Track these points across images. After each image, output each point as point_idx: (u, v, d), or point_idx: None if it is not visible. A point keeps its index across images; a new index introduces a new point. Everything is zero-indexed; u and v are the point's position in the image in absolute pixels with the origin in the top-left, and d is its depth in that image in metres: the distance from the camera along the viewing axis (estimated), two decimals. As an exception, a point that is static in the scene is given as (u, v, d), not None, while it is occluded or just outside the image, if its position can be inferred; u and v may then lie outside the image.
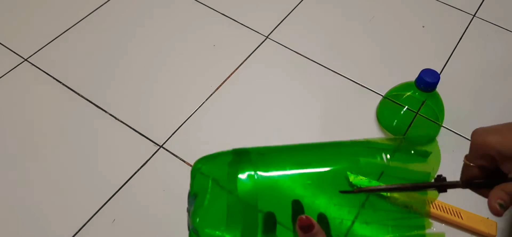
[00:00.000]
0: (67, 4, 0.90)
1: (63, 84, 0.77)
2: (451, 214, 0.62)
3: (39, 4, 0.90)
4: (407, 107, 0.69)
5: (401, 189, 0.36)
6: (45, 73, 0.78)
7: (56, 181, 0.65)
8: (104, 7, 0.90)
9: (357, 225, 0.37)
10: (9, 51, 0.82)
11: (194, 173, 0.39)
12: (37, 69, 0.79)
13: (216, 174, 0.39)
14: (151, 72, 0.79)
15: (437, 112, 0.70)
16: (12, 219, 0.61)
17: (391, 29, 0.89)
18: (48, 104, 0.74)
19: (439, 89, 0.66)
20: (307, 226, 0.31)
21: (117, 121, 0.72)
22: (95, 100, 0.75)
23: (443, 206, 0.62)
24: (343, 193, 0.35)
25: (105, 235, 0.60)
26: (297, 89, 0.78)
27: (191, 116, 0.73)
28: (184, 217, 0.62)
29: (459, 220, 0.61)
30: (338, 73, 0.80)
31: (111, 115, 0.73)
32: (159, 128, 0.71)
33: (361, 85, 0.79)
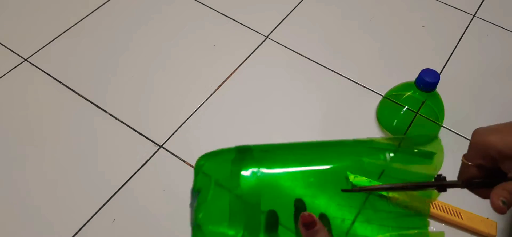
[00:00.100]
0: (67, 4, 0.90)
1: (63, 84, 0.77)
2: (451, 214, 0.62)
3: (39, 4, 0.90)
4: (407, 107, 0.69)
5: (402, 188, 0.36)
6: (45, 73, 0.78)
7: (56, 181, 0.65)
8: (104, 7, 0.90)
9: (358, 225, 0.37)
10: (9, 51, 0.82)
11: (197, 169, 0.39)
12: (37, 69, 0.79)
13: (219, 171, 0.39)
14: (151, 72, 0.79)
15: (437, 112, 0.70)
16: (12, 219, 0.61)
17: (391, 29, 0.89)
18: (48, 104, 0.74)
19: (439, 89, 0.66)
20: (309, 223, 0.32)
21: (117, 121, 0.72)
22: (95, 100, 0.75)
23: (443, 206, 0.62)
24: (345, 191, 0.35)
25: (105, 235, 0.60)
26: (297, 89, 0.78)
27: (191, 116, 0.73)
28: (184, 217, 0.62)
29: (459, 220, 0.61)
30: (338, 73, 0.80)
31: (111, 115, 0.73)
32: (159, 128, 0.71)
33: (361, 85, 0.79)
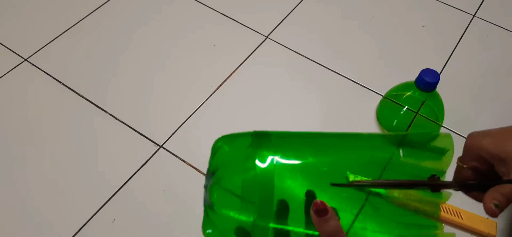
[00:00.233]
0: (67, 4, 0.90)
1: (63, 84, 0.77)
2: (451, 214, 0.62)
3: (39, 4, 0.90)
4: (407, 107, 0.69)
5: (394, 185, 0.35)
6: (45, 73, 0.78)
7: (56, 181, 0.65)
8: (104, 7, 0.90)
9: (367, 221, 0.36)
10: (9, 51, 0.82)
11: (214, 150, 0.40)
12: (37, 69, 0.79)
13: (235, 153, 0.39)
14: (151, 72, 0.79)
15: (437, 112, 0.70)
16: (12, 219, 0.61)
17: (391, 29, 0.89)
18: (48, 104, 0.74)
19: (439, 89, 0.66)
20: (321, 210, 0.32)
21: (117, 121, 0.72)
22: (95, 100, 0.75)
23: (443, 206, 0.62)
24: (334, 186, 0.35)
25: (105, 235, 0.60)
26: (297, 89, 0.78)
27: (191, 116, 0.73)
28: (184, 217, 0.62)
29: (459, 220, 0.61)
30: (338, 73, 0.80)
31: (111, 115, 0.73)
32: (159, 128, 0.71)
33: (361, 85, 0.79)
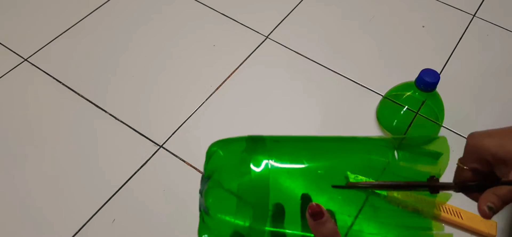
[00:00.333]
0: (67, 4, 0.91)
1: (63, 84, 0.77)
2: (451, 214, 0.62)
3: (39, 4, 0.90)
4: (407, 107, 0.69)
5: (394, 186, 0.36)
6: (45, 73, 0.78)
7: (56, 181, 0.65)
8: (104, 7, 0.90)
9: (364, 224, 0.37)
10: (9, 51, 0.82)
11: (209, 154, 0.40)
12: (37, 69, 0.79)
13: (230, 158, 0.39)
14: (151, 72, 0.79)
15: (437, 112, 0.70)
16: (12, 219, 0.61)
17: (391, 29, 0.89)
18: (48, 104, 0.74)
19: (439, 89, 0.66)
20: (317, 213, 0.32)
21: (117, 121, 0.72)
22: (95, 100, 0.75)
23: (443, 206, 0.62)
24: (335, 188, 0.35)
25: (105, 235, 0.60)
26: (297, 89, 0.78)
27: (191, 116, 0.73)
28: (184, 217, 0.62)
29: (459, 220, 0.61)
30: (338, 73, 0.80)
31: (111, 115, 0.73)
32: (159, 128, 0.71)
33: (361, 85, 0.79)
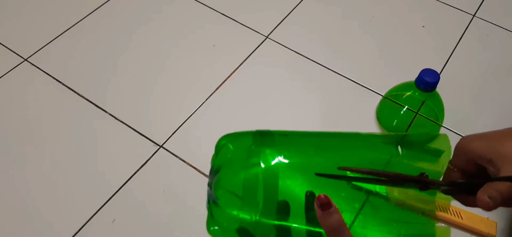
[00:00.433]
0: (67, 4, 0.90)
1: (63, 84, 0.77)
2: (451, 214, 0.62)
3: (39, 4, 0.90)
4: (407, 107, 0.69)
5: (382, 178, 0.35)
6: (45, 73, 0.78)
7: (56, 181, 0.65)
8: (104, 7, 0.90)
9: (366, 220, 0.37)
10: (9, 51, 0.82)
11: (218, 148, 0.40)
12: (37, 69, 0.79)
13: (239, 151, 0.39)
14: (151, 72, 0.79)
15: (437, 112, 0.70)
16: (12, 219, 0.61)
17: (391, 29, 0.89)
18: (48, 104, 0.74)
19: (439, 89, 0.66)
20: (325, 204, 0.32)
21: (117, 121, 0.72)
22: (95, 100, 0.75)
23: (443, 206, 0.62)
24: (318, 175, 0.35)
25: (105, 235, 0.60)
26: (297, 89, 0.78)
27: (191, 116, 0.73)
28: (184, 217, 0.62)
29: (459, 220, 0.61)
30: (338, 73, 0.80)
31: (111, 115, 0.73)
32: (159, 128, 0.71)
33: (361, 85, 0.79)
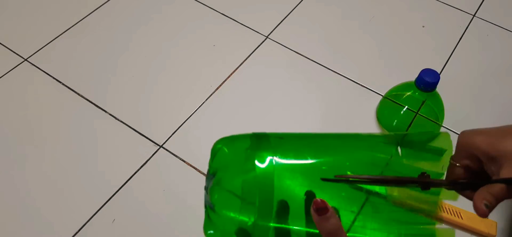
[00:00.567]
0: (67, 4, 0.90)
1: (63, 84, 0.77)
2: (451, 214, 0.62)
3: (39, 4, 0.90)
4: (407, 107, 0.69)
5: (384, 181, 0.35)
6: (45, 73, 0.78)
7: (56, 181, 0.65)
8: (104, 7, 0.90)
9: (366, 220, 0.37)
10: (9, 51, 0.82)
11: (214, 152, 0.40)
12: (37, 69, 0.79)
13: (235, 154, 0.39)
14: (151, 72, 0.79)
15: (437, 112, 0.70)
16: (12, 219, 0.61)
17: (391, 29, 0.89)
18: (48, 104, 0.74)
19: (439, 89, 0.66)
20: (321, 209, 0.32)
21: (117, 121, 0.72)
22: (95, 100, 0.75)
23: (443, 206, 0.62)
24: (324, 180, 0.35)
25: (105, 235, 0.60)
26: (297, 89, 0.78)
27: (191, 116, 0.73)
28: (184, 217, 0.62)
29: (459, 220, 0.61)
30: (338, 73, 0.80)
31: (111, 115, 0.73)
32: (159, 128, 0.71)
33: (361, 85, 0.79)
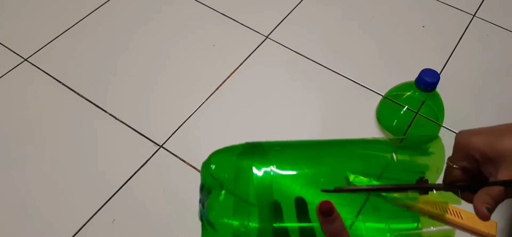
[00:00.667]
0: (67, 4, 0.90)
1: (63, 84, 0.77)
2: (451, 214, 0.61)
3: (39, 4, 0.90)
4: (407, 107, 0.69)
5: (383, 190, 0.36)
6: (45, 73, 0.78)
7: (56, 181, 0.65)
8: (104, 7, 0.90)
9: (365, 221, 0.37)
10: (9, 51, 0.82)
11: (207, 165, 0.40)
12: (37, 69, 0.79)
13: (230, 167, 0.39)
14: (151, 72, 0.79)
15: (437, 112, 0.70)
16: (12, 219, 0.61)
17: (391, 29, 0.89)
18: (48, 104, 0.74)
19: (439, 89, 0.66)
20: (327, 211, 0.32)
21: (117, 121, 0.72)
22: (95, 100, 0.75)
23: (443, 206, 0.62)
24: (324, 192, 0.35)
25: (105, 235, 0.60)
26: (297, 89, 0.78)
27: (191, 116, 0.73)
28: (184, 217, 0.62)
29: (459, 220, 0.61)
30: (338, 73, 0.80)
31: (111, 115, 0.73)
32: (159, 128, 0.71)
33: (361, 85, 0.79)
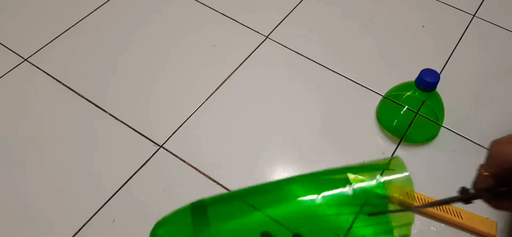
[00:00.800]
0: (67, 4, 0.90)
1: (63, 84, 0.77)
2: (451, 214, 0.62)
3: (39, 4, 0.90)
4: (407, 107, 0.69)
5: (432, 204, 0.35)
6: (45, 73, 0.78)
7: (56, 181, 0.65)
8: (104, 7, 0.90)
9: (364, 222, 0.37)
10: (9, 51, 0.82)
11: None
12: (37, 69, 0.79)
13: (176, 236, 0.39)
14: (151, 72, 0.79)
15: (437, 112, 0.70)
16: (12, 219, 0.61)
17: (391, 29, 0.89)
18: (48, 104, 0.74)
19: (439, 89, 0.66)
20: None
21: (117, 121, 0.72)
22: (95, 100, 0.75)
23: (443, 206, 0.62)
24: (372, 215, 0.34)
25: (105, 235, 0.60)
26: (297, 89, 0.78)
27: (191, 116, 0.73)
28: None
29: (459, 220, 0.61)
30: (338, 73, 0.80)
31: (111, 115, 0.73)
32: (159, 128, 0.71)
33: (361, 85, 0.79)
